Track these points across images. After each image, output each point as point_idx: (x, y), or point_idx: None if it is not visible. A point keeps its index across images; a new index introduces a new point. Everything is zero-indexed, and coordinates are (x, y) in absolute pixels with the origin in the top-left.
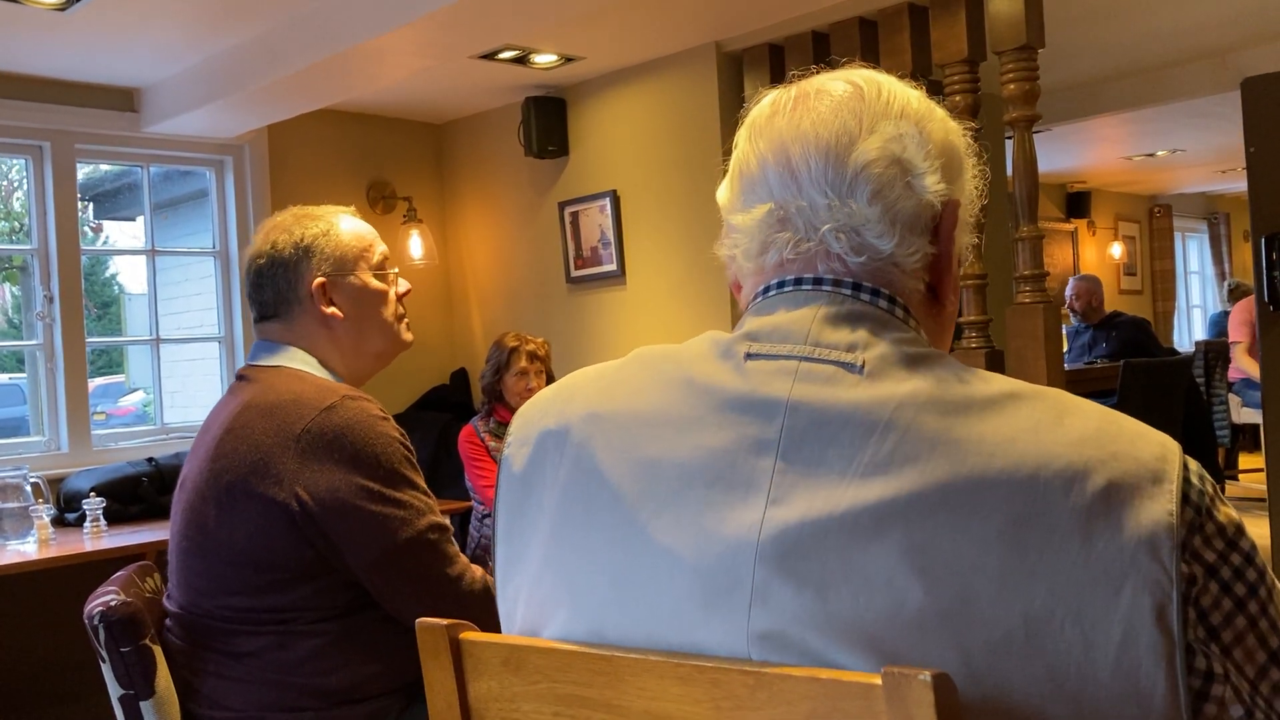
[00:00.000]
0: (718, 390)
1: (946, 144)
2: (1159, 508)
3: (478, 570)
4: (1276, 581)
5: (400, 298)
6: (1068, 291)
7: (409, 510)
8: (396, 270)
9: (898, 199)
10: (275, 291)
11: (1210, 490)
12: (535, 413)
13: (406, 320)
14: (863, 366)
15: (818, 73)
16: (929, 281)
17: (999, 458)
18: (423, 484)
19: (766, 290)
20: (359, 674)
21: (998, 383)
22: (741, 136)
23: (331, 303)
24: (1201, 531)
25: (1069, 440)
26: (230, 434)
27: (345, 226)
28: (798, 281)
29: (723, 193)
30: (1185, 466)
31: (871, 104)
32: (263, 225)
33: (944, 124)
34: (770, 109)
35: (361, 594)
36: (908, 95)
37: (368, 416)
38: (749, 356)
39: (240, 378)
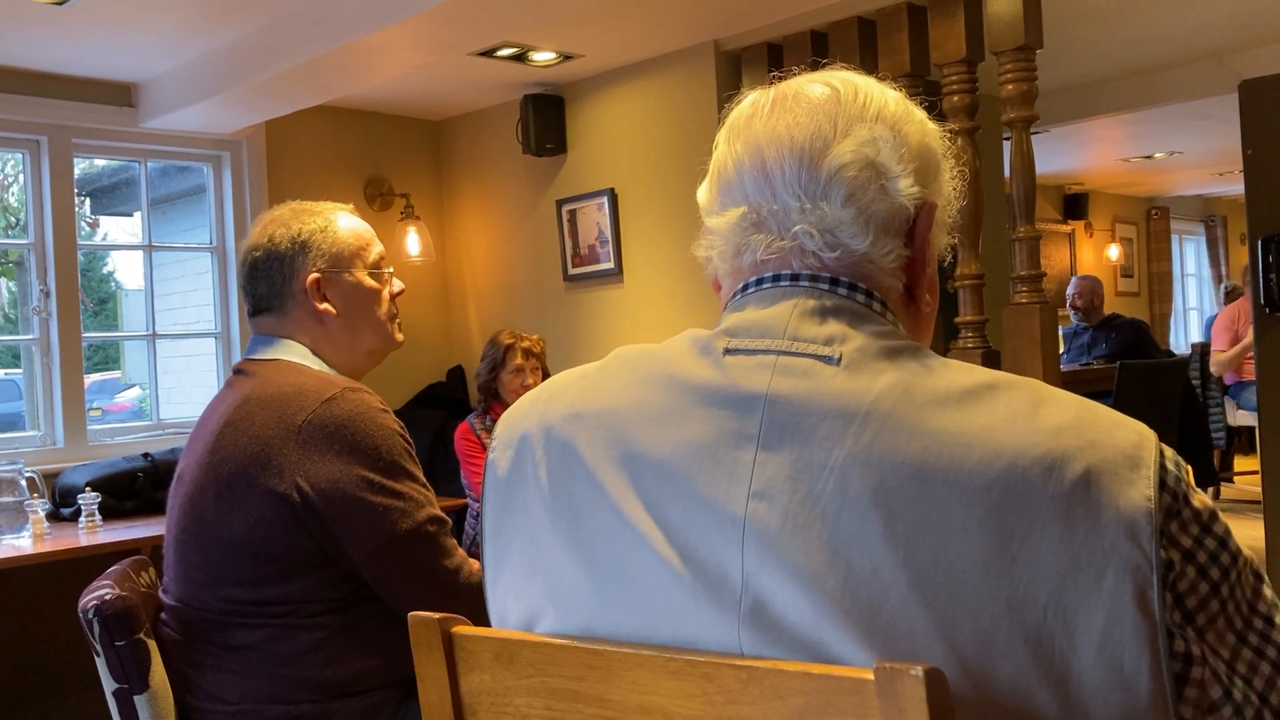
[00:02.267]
0: (697, 385)
1: (923, 146)
2: (1137, 493)
3: (475, 563)
4: (1248, 564)
5: (394, 297)
6: (1070, 290)
7: (408, 502)
8: (392, 270)
9: (871, 201)
10: (270, 285)
11: (1186, 477)
12: (518, 416)
13: (399, 320)
14: (840, 359)
15: (800, 73)
16: (905, 282)
17: (977, 448)
18: (422, 476)
19: (745, 288)
20: (356, 668)
21: (975, 373)
22: (721, 138)
23: (325, 299)
24: (1179, 517)
25: (1046, 429)
26: (230, 426)
27: (343, 224)
28: (776, 278)
29: (702, 193)
30: (1161, 453)
31: (847, 107)
32: (260, 218)
33: (921, 126)
34: (750, 110)
35: (359, 587)
36: (885, 97)
37: (369, 408)
38: (728, 352)
39: (238, 371)
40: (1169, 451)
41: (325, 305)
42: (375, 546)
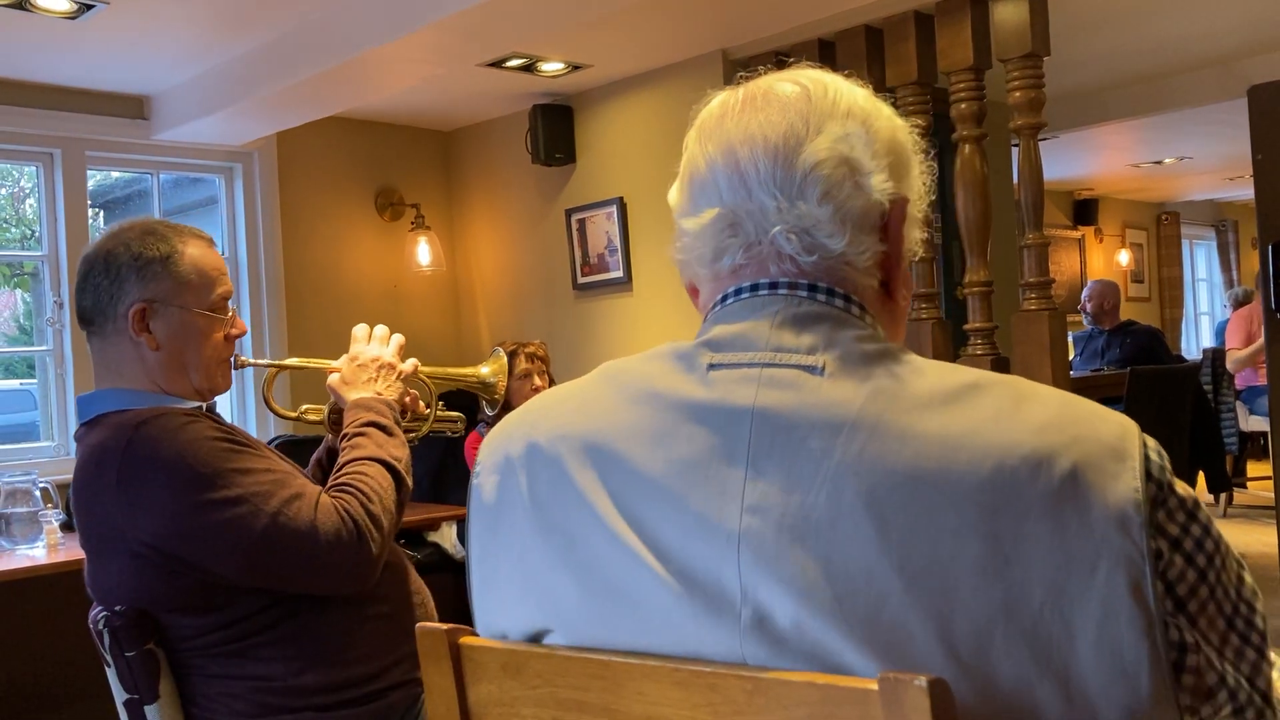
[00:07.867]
0: (684, 402)
1: (893, 142)
2: (1125, 485)
3: (323, 501)
4: (1229, 551)
5: (230, 339)
6: (1083, 294)
7: (249, 503)
8: (234, 311)
9: (847, 198)
10: (95, 301)
11: (1168, 465)
12: (501, 439)
13: (232, 362)
14: (824, 369)
15: (765, 74)
16: (881, 279)
17: (964, 450)
18: (259, 463)
19: (725, 298)
20: (336, 666)
21: (957, 374)
22: (691, 138)
23: (147, 329)
24: (1165, 506)
25: (1030, 427)
26: (75, 496)
27: (190, 254)
28: (754, 287)
29: (673, 195)
30: (1144, 443)
31: (818, 104)
32: (113, 226)
33: (890, 122)
34: (720, 110)
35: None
36: (854, 94)
37: (165, 432)
38: (712, 366)
39: (77, 438)
40: (1151, 441)
41: (145, 336)
42: (242, 558)
